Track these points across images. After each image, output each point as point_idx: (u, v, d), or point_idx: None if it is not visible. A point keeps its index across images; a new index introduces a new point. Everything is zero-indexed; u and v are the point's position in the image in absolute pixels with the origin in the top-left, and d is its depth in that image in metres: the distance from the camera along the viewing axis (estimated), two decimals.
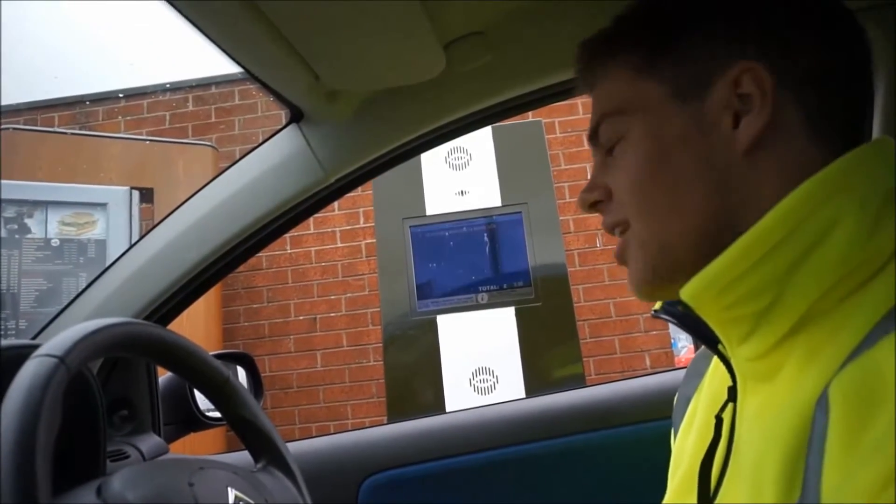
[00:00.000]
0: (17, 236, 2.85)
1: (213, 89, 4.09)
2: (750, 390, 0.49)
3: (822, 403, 0.39)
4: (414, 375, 2.75)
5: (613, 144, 0.55)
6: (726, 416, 0.52)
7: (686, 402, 0.65)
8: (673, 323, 0.51)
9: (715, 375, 0.60)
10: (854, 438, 0.36)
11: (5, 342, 0.68)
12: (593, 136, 0.57)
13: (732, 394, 0.52)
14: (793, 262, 0.43)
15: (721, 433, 0.52)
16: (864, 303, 0.42)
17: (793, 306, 0.44)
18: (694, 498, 0.53)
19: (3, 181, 2.96)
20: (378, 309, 3.10)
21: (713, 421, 0.53)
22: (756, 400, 0.48)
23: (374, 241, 3.16)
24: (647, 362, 3.54)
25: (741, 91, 0.48)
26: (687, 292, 0.48)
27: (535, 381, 2.64)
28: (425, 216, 2.87)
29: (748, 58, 0.48)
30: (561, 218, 2.87)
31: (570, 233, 3.53)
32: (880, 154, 0.46)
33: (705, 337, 0.51)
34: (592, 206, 0.57)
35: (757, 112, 0.48)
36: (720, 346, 0.52)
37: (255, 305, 3.83)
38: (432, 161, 2.91)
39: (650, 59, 0.52)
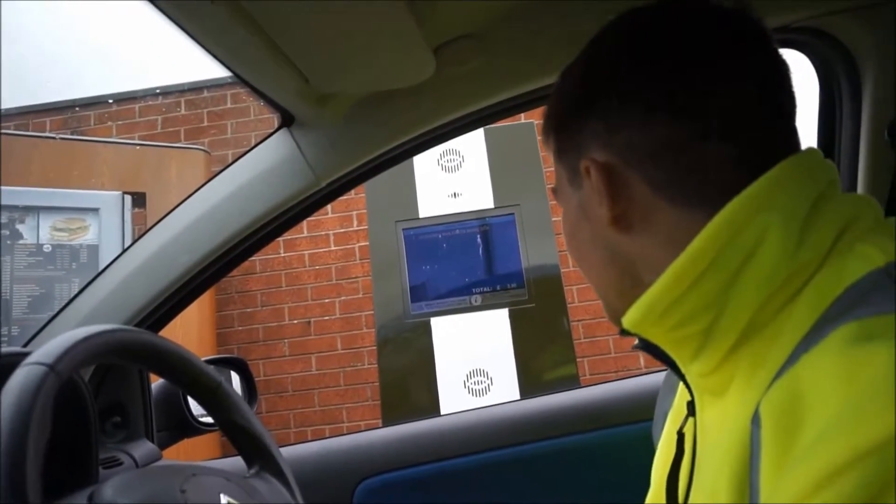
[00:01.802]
0: (8, 242, 2.83)
1: (205, 93, 4.08)
2: (707, 404, 0.51)
3: (755, 421, 0.40)
4: (408, 378, 2.74)
5: None
6: (688, 431, 0.54)
7: (664, 417, 0.67)
8: (640, 349, 0.53)
9: (684, 391, 0.61)
10: (782, 456, 0.37)
11: None
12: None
13: (691, 409, 0.54)
14: (727, 281, 0.45)
15: (684, 448, 0.54)
16: (794, 315, 0.43)
17: (733, 321, 0.45)
18: None
19: None
20: (372, 312, 3.09)
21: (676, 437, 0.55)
22: (711, 413, 0.50)
23: (368, 244, 3.16)
24: (642, 362, 3.54)
25: (593, 181, 0.52)
26: (627, 322, 0.50)
27: (530, 382, 2.64)
28: (418, 218, 2.87)
29: (591, 152, 0.52)
30: (554, 219, 2.87)
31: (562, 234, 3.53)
32: (805, 166, 0.47)
33: (662, 357, 0.53)
34: None
35: (605, 198, 0.51)
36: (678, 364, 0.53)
37: (248, 309, 3.82)
38: (425, 163, 2.90)
39: (557, 146, 0.58)
